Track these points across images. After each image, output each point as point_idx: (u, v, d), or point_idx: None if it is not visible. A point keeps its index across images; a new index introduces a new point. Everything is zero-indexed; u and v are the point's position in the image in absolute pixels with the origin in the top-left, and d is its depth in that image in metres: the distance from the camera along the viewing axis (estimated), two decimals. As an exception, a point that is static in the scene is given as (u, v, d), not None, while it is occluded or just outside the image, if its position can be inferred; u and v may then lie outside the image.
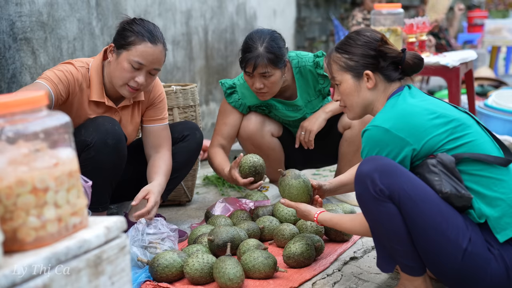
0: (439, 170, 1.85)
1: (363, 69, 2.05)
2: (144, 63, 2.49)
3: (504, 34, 8.13)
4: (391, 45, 2.06)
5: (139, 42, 2.48)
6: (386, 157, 1.91)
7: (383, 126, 1.92)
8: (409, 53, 2.05)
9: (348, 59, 2.06)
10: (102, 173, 2.49)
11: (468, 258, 1.81)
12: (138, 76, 2.50)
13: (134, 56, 2.47)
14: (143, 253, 2.35)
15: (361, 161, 1.93)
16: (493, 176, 1.88)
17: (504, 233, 1.83)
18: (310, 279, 2.24)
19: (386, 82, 2.06)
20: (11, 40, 3.09)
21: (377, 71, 2.04)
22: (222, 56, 5.04)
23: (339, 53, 2.09)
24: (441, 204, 1.84)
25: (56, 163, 1.22)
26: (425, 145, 1.89)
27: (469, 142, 1.90)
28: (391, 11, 4.03)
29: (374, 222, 1.92)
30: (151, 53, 2.49)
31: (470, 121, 1.96)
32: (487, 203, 1.86)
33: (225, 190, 3.54)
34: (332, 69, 2.12)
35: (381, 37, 2.05)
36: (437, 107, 1.96)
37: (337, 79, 2.11)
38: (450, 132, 1.90)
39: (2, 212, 1.16)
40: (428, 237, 1.82)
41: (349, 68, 2.07)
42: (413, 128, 1.90)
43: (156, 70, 2.55)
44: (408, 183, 1.84)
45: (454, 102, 3.82)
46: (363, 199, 1.90)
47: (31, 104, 1.20)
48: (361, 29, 2.12)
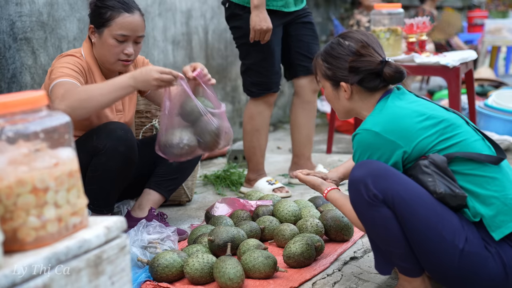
0: (432, 171, 1.85)
1: (339, 80, 2.05)
2: (128, 34, 2.52)
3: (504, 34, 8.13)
4: (371, 54, 2.00)
5: (116, 15, 2.52)
6: (378, 160, 1.91)
7: (373, 130, 1.91)
8: (388, 66, 1.98)
9: (327, 69, 2.08)
10: (111, 178, 2.50)
11: (465, 258, 1.81)
12: (126, 48, 2.54)
13: (116, 30, 2.51)
14: (143, 253, 2.35)
15: (353, 166, 1.92)
16: (485, 175, 1.87)
17: (500, 231, 1.83)
18: (310, 279, 2.24)
19: (367, 91, 2.03)
20: (11, 40, 3.09)
21: (354, 82, 2.02)
22: (222, 56, 5.04)
23: (321, 60, 2.10)
24: (435, 205, 1.83)
25: (56, 163, 1.22)
26: (416, 147, 1.89)
27: (460, 142, 1.90)
28: (391, 11, 4.03)
29: (370, 226, 1.92)
30: (131, 22, 2.53)
31: (460, 121, 1.96)
32: (481, 202, 1.86)
33: (222, 190, 3.54)
34: (316, 73, 2.15)
35: (356, 50, 2.00)
36: (426, 109, 1.95)
37: (321, 84, 2.16)
38: (440, 133, 1.90)
39: (2, 212, 1.16)
40: (424, 239, 1.82)
41: (328, 77, 2.09)
42: (403, 131, 1.89)
43: (140, 38, 2.58)
44: (402, 186, 1.84)
45: (454, 102, 3.82)
46: (357, 204, 1.89)
47: (31, 104, 1.20)
48: (345, 35, 2.07)
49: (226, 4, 3.29)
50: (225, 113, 2.43)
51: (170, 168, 2.75)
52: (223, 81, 5.10)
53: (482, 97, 5.99)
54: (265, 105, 3.39)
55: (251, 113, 3.40)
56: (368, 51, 2.01)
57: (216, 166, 4.15)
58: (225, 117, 2.41)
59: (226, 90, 5.14)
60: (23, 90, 3.17)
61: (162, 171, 2.77)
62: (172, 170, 2.76)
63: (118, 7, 2.52)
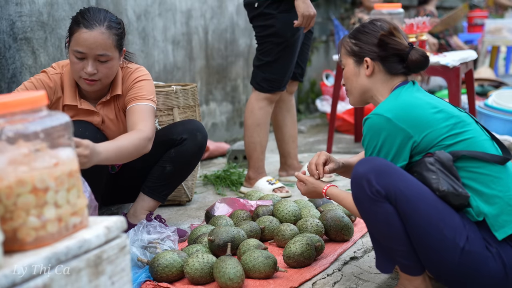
0: (436, 168, 1.86)
1: (364, 55, 2.08)
2: (83, 51, 2.36)
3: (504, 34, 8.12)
4: (400, 38, 2.06)
5: (75, 30, 2.38)
6: (386, 146, 1.91)
7: (385, 115, 1.93)
8: (415, 49, 2.04)
9: (354, 45, 2.11)
10: None
11: (465, 257, 1.81)
12: (85, 66, 2.38)
13: (73, 46, 2.38)
14: (143, 253, 2.35)
15: (357, 162, 1.93)
16: (490, 174, 1.88)
17: (503, 230, 1.84)
18: (310, 279, 2.24)
19: (387, 73, 2.07)
20: (11, 40, 3.09)
21: (378, 60, 2.06)
22: (222, 56, 5.04)
23: (349, 38, 2.15)
24: (437, 203, 1.84)
25: (56, 163, 1.22)
26: (425, 138, 1.90)
27: (468, 139, 1.91)
28: (391, 11, 4.04)
29: (372, 222, 1.92)
30: (87, 39, 2.35)
31: (470, 120, 1.98)
32: (485, 201, 1.86)
33: (222, 190, 3.54)
34: (341, 52, 2.18)
35: (389, 28, 2.06)
36: (439, 103, 1.98)
37: (343, 63, 2.17)
38: (451, 128, 1.91)
39: (2, 212, 1.16)
40: (425, 236, 1.83)
41: (353, 53, 2.12)
42: (415, 120, 1.91)
43: (102, 56, 2.39)
44: (404, 183, 1.84)
45: (454, 102, 3.82)
46: (359, 200, 1.90)
47: (31, 104, 1.20)
48: (378, 19, 2.15)
49: (256, 3, 3.31)
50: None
51: (164, 172, 2.67)
52: (223, 81, 5.10)
53: (482, 97, 6.00)
54: (267, 102, 3.42)
55: (253, 107, 3.43)
56: (399, 34, 2.08)
57: (216, 166, 4.15)
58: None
59: (226, 90, 5.14)
60: (23, 90, 3.16)
61: (157, 175, 2.68)
62: (167, 174, 2.68)
63: (78, 22, 2.38)
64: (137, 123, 2.42)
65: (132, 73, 2.58)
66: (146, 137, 2.36)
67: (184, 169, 2.74)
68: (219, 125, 5.08)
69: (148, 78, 2.59)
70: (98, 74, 2.41)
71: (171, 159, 2.67)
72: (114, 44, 2.42)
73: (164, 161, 2.68)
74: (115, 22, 2.45)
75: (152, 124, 2.44)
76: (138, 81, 2.55)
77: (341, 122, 5.29)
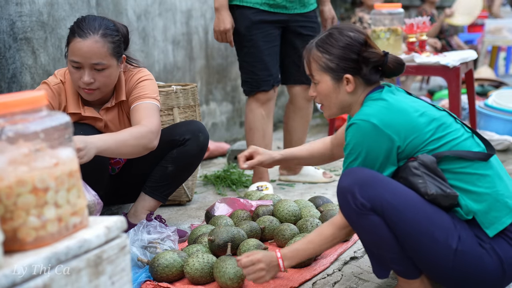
0: (421, 172, 1.84)
1: (343, 72, 1.98)
2: (78, 60, 2.35)
3: (504, 34, 8.12)
4: (374, 46, 1.99)
5: (71, 40, 2.38)
6: (373, 153, 1.88)
7: (371, 121, 1.88)
8: (391, 57, 1.98)
9: (329, 60, 1.98)
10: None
11: (460, 256, 1.81)
12: (82, 75, 2.37)
13: (70, 56, 2.38)
14: (143, 253, 2.35)
15: (341, 175, 1.91)
16: (476, 172, 1.87)
17: (493, 227, 1.83)
18: (310, 279, 2.24)
19: (366, 85, 2.01)
20: (11, 40, 3.09)
21: (357, 75, 1.98)
22: (223, 56, 5.04)
23: (320, 52, 2.00)
24: (425, 208, 1.82)
25: (56, 163, 1.22)
26: (409, 144, 1.88)
27: (450, 141, 1.89)
28: (391, 11, 4.03)
29: (361, 233, 1.92)
30: (80, 48, 2.34)
31: (449, 120, 1.95)
32: (473, 199, 1.85)
33: (222, 190, 3.54)
34: (311, 67, 2.04)
35: (364, 40, 1.97)
36: (419, 106, 1.94)
37: (316, 78, 2.03)
38: (433, 132, 1.89)
39: (2, 212, 1.16)
40: (417, 242, 1.81)
41: (329, 69, 1.99)
42: (400, 125, 1.87)
43: (98, 65, 2.37)
44: (390, 192, 1.82)
45: (454, 102, 3.81)
46: (346, 213, 1.88)
47: (31, 104, 1.20)
48: (344, 27, 2.02)
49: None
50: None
51: (166, 173, 2.68)
52: (223, 81, 5.10)
53: (482, 97, 5.99)
54: (257, 104, 3.38)
55: (246, 111, 3.44)
56: (372, 41, 2.00)
57: (216, 166, 4.15)
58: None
59: (226, 90, 5.14)
60: (23, 90, 3.17)
61: (159, 175, 2.69)
62: (169, 175, 2.69)
63: (74, 31, 2.37)
64: (141, 120, 2.42)
65: (134, 75, 2.59)
66: (149, 130, 2.35)
67: (186, 170, 2.74)
68: (219, 125, 5.08)
69: (150, 78, 2.59)
70: (96, 83, 2.40)
71: (173, 160, 2.67)
72: (110, 52, 2.40)
73: (166, 161, 2.69)
74: (112, 29, 2.42)
75: (157, 120, 2.44)
76: (141, 81, 2.56)
77: (341, 122, 5.29)
